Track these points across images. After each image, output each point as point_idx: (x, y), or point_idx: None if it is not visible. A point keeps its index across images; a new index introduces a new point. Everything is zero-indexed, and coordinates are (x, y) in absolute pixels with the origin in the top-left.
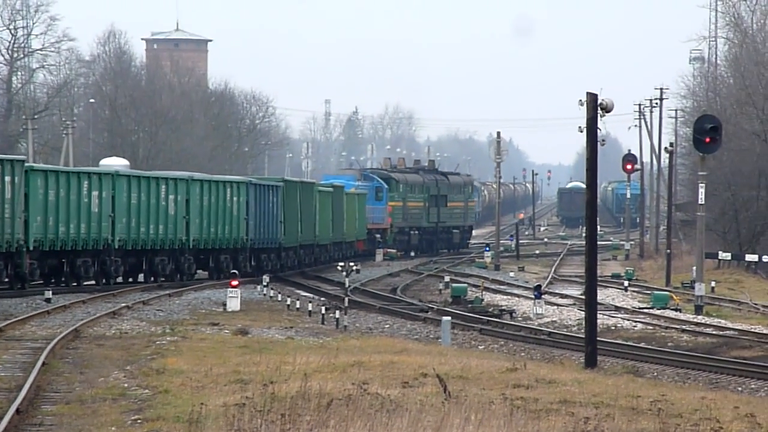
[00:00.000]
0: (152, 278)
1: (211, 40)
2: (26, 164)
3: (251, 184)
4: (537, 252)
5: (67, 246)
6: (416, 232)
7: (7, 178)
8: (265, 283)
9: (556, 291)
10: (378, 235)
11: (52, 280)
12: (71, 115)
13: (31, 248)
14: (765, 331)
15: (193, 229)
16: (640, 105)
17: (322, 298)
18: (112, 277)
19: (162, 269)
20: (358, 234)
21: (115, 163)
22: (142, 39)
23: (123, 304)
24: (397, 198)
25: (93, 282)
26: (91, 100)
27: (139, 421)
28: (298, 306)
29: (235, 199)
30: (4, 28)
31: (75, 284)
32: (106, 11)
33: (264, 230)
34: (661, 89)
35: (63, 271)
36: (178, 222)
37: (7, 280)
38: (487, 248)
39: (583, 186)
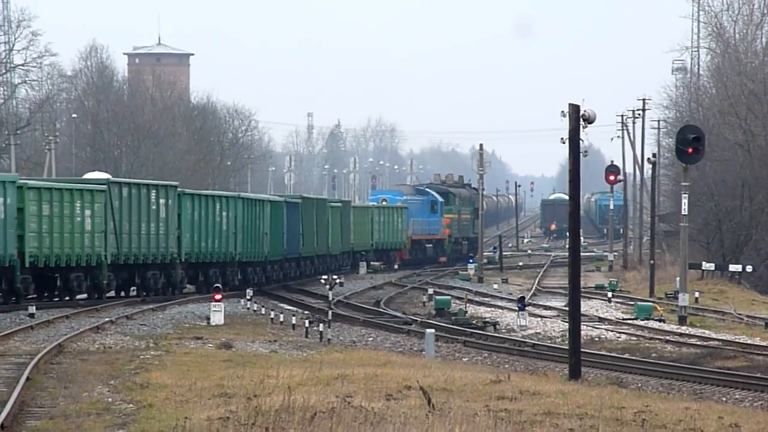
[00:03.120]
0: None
1: (192, 54)
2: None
3: (275, 202)
4: (520, 264)
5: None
6: (466, 241)
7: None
8: (248, 297)
9: (540, 302)
10: (430, 245)
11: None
12: (53, 130)
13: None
14: (749, 342)
15: (239, 243)
16: (622, 116)
17: (305, 312)
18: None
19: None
20: (398, 243)
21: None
22: (124, 53)
23: (106, 319)
24: (453, 211)
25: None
26: (74, 115)
27: None
28: (281, 319)
29: (266, 216)
30: None
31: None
32: (88, 26)
33: (290, 243)
34: (644, 100)
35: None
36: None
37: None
38: (471, 260)
39: (566, 197)
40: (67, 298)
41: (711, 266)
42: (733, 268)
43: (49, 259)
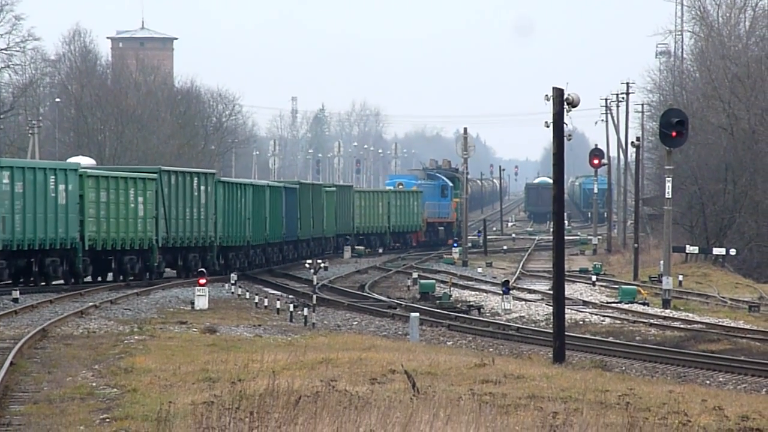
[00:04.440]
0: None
1: (176, 39)
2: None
3: (274, 187)
4: (505, 247)
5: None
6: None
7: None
8: (233, 281)
9: (524, 286)
10: (442, 228)
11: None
12: (37, 115)
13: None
14: (732, 325)
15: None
16: (606, 100)
17: (290, 296)
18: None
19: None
20: (415, 226)
21: (81, 162)
22: (108, 38)
23: (90, 304)
24: (460, 195)
25: (62, 282)
26: (57, 100)
27: (107, 420)
28: (266, 304)
29: (269, 201)
30: None
31: (44, 284)
32: (71, 10)
33: (288, 225)
34: (628, 84)
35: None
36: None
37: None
38: (456, 244)
39: (550, 181)
40: (121, 278)
41: (695, 249)
42: (716, 251)
43: (106, 242)
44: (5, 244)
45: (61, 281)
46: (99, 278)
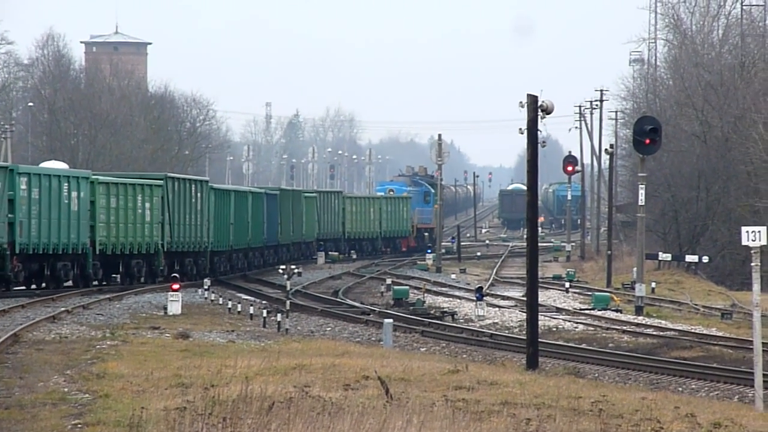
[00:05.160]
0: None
1: (150, 43)
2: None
3: (256, 193)
4: (478, 254)
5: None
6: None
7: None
8: (206, 287)
9: (498, 293)
10: (427, 234)
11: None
12: (10, 119)
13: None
14: (705, 332)
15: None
16: (580, 107)
17: (264, 301)
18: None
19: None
20: (405, 232)
21: (54, 166)
22: (81, 42)
23: (62, 309)
24: (436, 201)
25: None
26: (30, 104)
27: (79, 425)
28: (239, 309)
29: (251, 206)
30: None
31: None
32: (45, 14)
33: (269, 230)
34: (601, 91)
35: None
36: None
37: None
38: (429, 250)
39: (524, 188)
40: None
41: (668, 257)
42: (689, 258)
43: (116, 246)
44: (21, 248)
45: (72, 284)
46: (104, 282)
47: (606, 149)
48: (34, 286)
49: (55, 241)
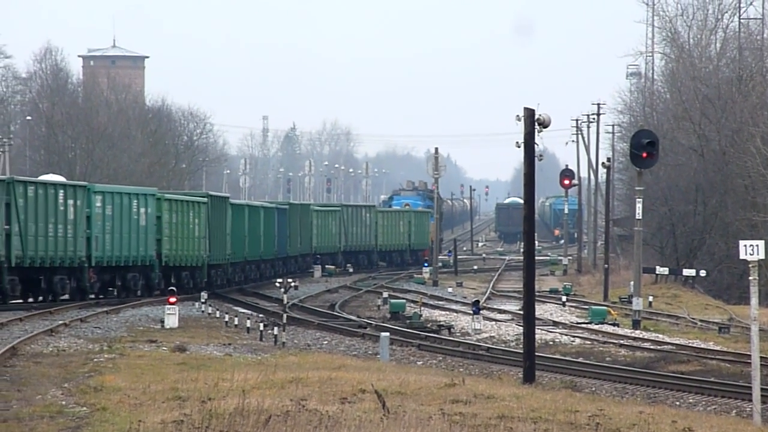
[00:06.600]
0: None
1: (147, 57)
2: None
3: (268, 208)
4: (475, 267)
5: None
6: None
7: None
8: (203, 300)
9: (495, 306)
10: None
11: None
12: (8, 133)
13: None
14: (702, 346)
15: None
16: (577, 120)
17: (260, 315)
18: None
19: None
20: (425, 244)
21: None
22: (79, 56)
23: (60, 322)
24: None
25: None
26: (28, 118)
27: None
28: (236, 322)
29: (261, 220)
30: None
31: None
32: (43, 28)
33: (280, 244)
34: (599, 104)
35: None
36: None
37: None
38: (426, 264)
39: (521, 201)
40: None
41: (665, 270)
42: (686, 272)
43: (176, 259)
44: (97, 261)
45: (140, 294)
46: (156, 291)
47: (603, 163)
48: (101, 296)
49: (126, 255)
